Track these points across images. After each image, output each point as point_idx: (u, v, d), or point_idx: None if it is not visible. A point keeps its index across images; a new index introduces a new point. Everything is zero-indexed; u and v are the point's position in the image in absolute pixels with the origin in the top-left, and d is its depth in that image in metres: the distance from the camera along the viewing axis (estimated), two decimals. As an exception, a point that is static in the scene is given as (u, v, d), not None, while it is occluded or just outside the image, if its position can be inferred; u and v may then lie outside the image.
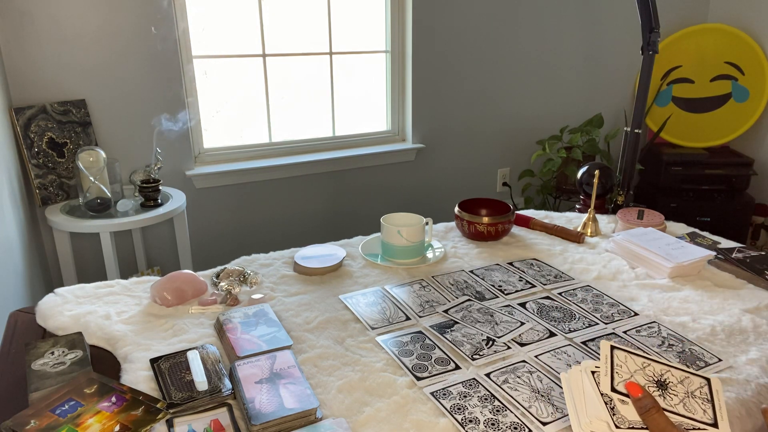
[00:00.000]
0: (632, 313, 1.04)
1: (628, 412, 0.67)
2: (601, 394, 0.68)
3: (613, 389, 0.68)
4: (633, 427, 0.66)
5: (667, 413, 0.66)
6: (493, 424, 0.75)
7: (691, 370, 0.73)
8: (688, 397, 0.69)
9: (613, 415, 0.67)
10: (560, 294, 1.11)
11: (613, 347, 0.72)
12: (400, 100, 2.88)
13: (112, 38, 2.15)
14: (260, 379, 0.82)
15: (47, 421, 0.72)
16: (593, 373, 0.71)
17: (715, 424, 0.67)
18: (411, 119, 2.85)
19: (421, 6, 2.69)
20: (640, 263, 1.22)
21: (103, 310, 1.02)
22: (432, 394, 0.81)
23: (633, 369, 0.71)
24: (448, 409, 0.78)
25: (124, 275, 2.19)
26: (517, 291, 1.12)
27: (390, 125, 2.92)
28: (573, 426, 0.68)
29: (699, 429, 0.66)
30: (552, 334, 0.97)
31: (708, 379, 0.72)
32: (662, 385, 0.70)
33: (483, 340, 0.94)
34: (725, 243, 1.33)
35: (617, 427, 0.66)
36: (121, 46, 2.17)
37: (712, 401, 0.69)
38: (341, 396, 0.81)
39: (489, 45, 2.92)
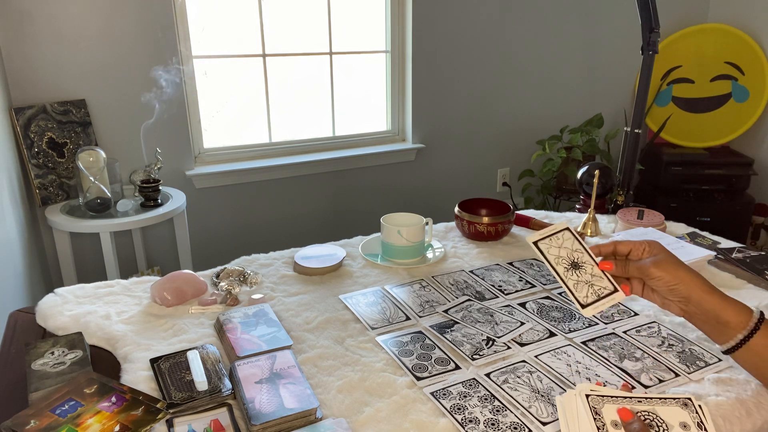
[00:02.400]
0: (632, 313, 1.04)
1: None
2: (594, 419, 0.69)
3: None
4: None
5: None
6: (493, 424, 0.75)
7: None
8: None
9: None
10: (560, 294, 1.11)
11: (587, 395, 0.73)
12: (400, 100, 2.88)
13: (112, 38, 2.15)
14: (260, 379, 0.82)
15: (47, 421, 0.72)
16: (587, 396, 0.71)
17: None
18: (411, 119, 2.85)
19: (421, 6, 2.69)
20: (640, 263, 1.22)
21: (103, 310, 1.02)
22: (432, 394, 0.81)
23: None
24: (448, 409, 0.78)
25: (124, 275, 2.19)
26: (517, 291, 1.12)
27: (390, 125, 2.92)
28: None
29: None
30: (552, 334, 0.97)
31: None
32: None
33: (483, 340, 0.94)
34: (725, 243, 1.33)
35: None
36: (121, 46, 2.17)
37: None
38: (341, 396, 0.81)
39: (489, 45, 2.92)
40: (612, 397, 0.72)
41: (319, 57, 2.67)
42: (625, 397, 0.72)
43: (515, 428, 0.75)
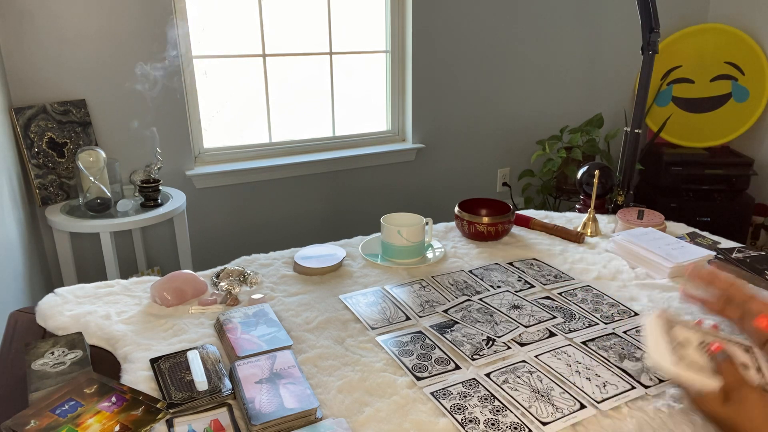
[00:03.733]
0: (632, 313, 1.04)
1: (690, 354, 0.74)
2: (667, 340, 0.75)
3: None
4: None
5: None
6: (493, 424, 0.75)
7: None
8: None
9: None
10: (560, 294, 1.11)
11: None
12: (400, 100, 2.88)
13: (112, 38, 2.15)
14: (260, 379, 0.82)
15: (47, 421, 0.72)
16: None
17: None
18: (411, 119, 2.85)
19: (421, 6, 2.69)
20: (640, 263, 1.22)
21: (103, 310, 1.02)
22: (432, 394, 0.81)
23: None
24: (448, 409, 0.78)
25: (124, 275, 2.19)
26: (516, 291, 1.12)
27: (390, 125, 2.92)
28: (658, 360, 0.74)
29: None
30: (552, 334, 0.97)
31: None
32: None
33: (483, 340, 0.95)
34: (725, 243, 1.33)
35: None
36: (121, 46, 2.17)
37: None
38: (341, 396, 0.81)
39: (489, 45, 2.92)
40: (682, 323, 0.78)
41: (319, 57, 2.67)
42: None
43: (515, 428, 0.75)
